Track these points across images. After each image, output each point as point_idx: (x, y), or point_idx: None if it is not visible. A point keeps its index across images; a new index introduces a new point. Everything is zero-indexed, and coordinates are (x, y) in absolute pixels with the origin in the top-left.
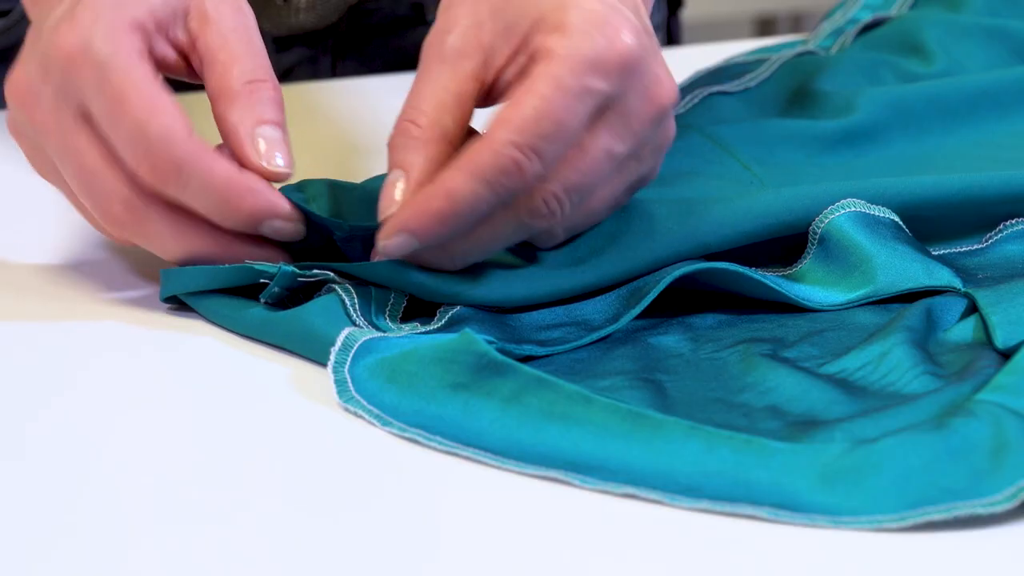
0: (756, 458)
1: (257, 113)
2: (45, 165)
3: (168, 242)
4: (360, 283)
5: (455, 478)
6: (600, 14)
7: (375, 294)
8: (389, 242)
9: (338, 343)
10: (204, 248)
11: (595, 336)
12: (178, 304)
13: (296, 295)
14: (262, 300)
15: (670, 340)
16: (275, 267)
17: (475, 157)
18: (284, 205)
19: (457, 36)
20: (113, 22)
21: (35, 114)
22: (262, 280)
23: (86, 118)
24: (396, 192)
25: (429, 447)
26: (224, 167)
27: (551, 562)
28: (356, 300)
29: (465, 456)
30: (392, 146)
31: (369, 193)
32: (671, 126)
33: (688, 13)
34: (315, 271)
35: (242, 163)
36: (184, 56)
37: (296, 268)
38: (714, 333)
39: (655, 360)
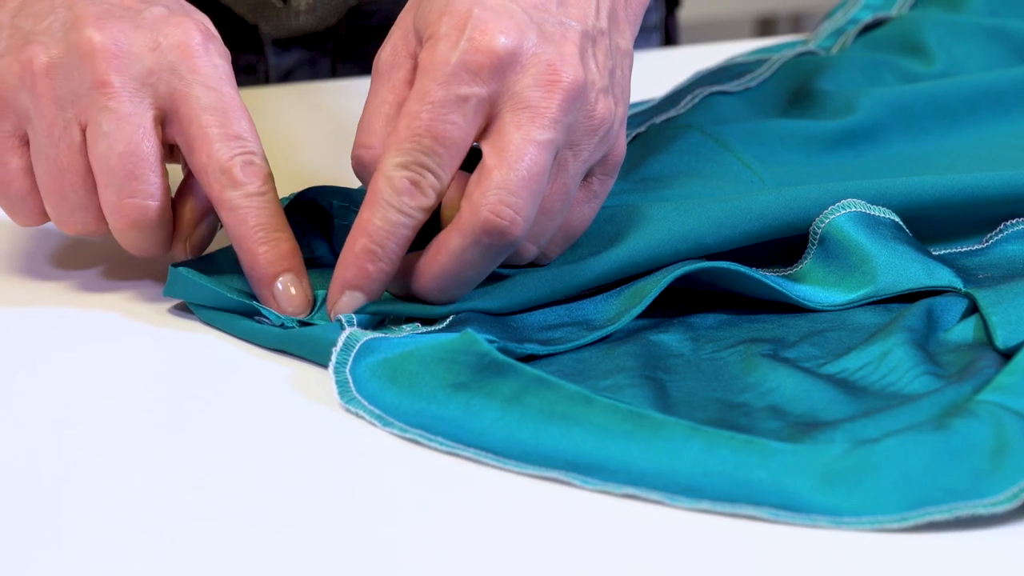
0: (757, 458)
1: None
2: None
3: (138, 239)
4: None
5: (456, 478)
6: (467, 16)
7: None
8: (339, 304)
9: (339, 343)
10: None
11: (596, 335)
12: (180, 302)
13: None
14: (255, 319)
15: (671, 339)
16: (279, 319)
17: (373, 190)
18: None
19: (388, 51)
20: (133, 76)
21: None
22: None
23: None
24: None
25: (430, 447)
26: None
27: (552, 562)
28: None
29: (466, 456)
30: (357, 174)
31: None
32: (599, 109)
33: (688, 13)
34: (317, 323)
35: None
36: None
37: (298, 323)
38: (715, 333)
39: (656, 359)
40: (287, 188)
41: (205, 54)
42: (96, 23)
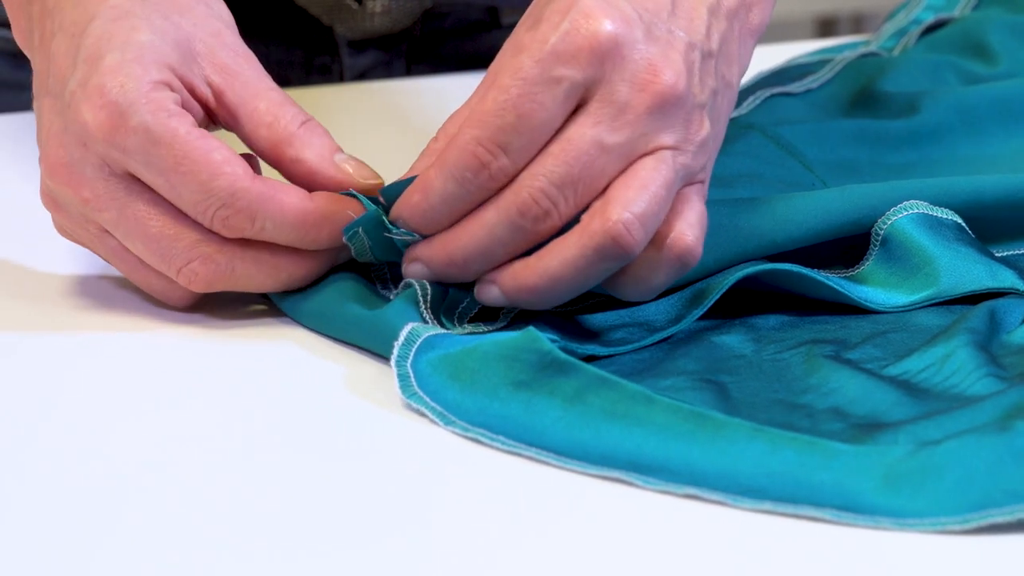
0: (819, 459)
1: (328, 145)
2: (87, 238)
3: (260, 279)
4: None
5: (517, 477)
6: (572, 3)
7: (452, 291)
8: (398, 231)
9: (401, 337)
10: (296, 272)
11: (658, 337)
12: (253, 299)
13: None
14: (345, 237)
15: (733, 341)
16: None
17: (445, 153)
18: (355, 212)
19: (496, 58)
20: (141, 85)
21: (82, 191)
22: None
23: (139, 184)
24: None
25: (491, 447)
26: (294, 202)
27: (614, 562)
28: (431, 294)
29: (527, 456)
30: None
31: None
32: (695, 119)
33: None
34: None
35: (337, 189)
36: (206, 108)
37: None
38: (777, 334)
39: (718, 361)
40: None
41: (126, 123)
42: (45, 143)
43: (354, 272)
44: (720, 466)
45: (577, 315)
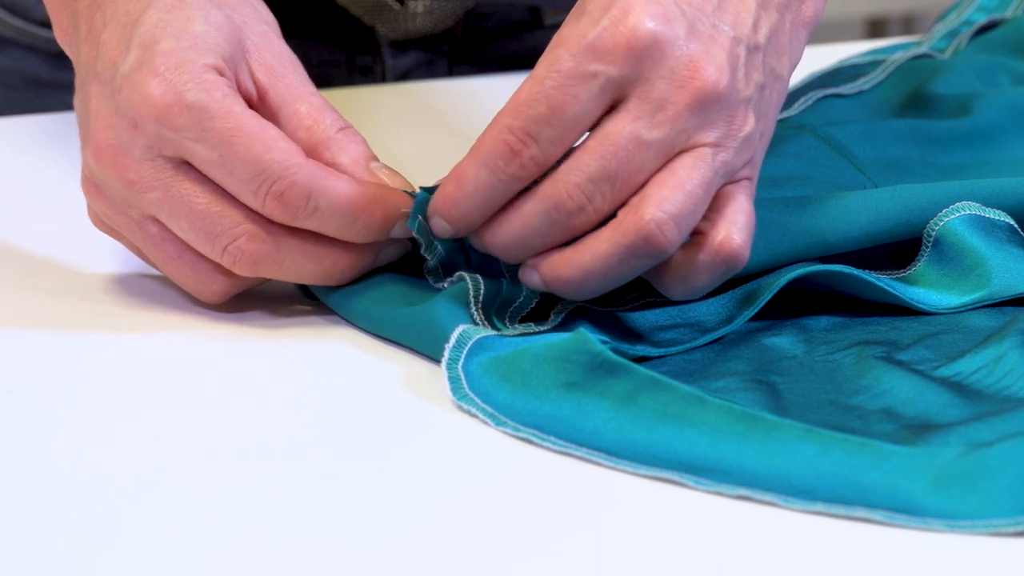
0: (871, 461)
1: (364, 152)
2: (127, 226)
3: (303, 265)
4: (496, 274)
5: (569, 478)
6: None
7: (506, 288)
8: (431, 223)
9: (452, 340)
10: (339, 262)
11: (709, 338)
12: (299, 300)
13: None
14: (413, 230)
15: (784, 341)
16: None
17: (479, 142)
18: (406, 202)
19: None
20: (195, 68)
21: (128, 173)
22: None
23: (186, 166)
24: None
25: (543, 447)
26: (346, 185)
27: (666, 563)
28: (483, 291)
29: (579, 456)
30: None
31: None
32: (739, 115)
33: None
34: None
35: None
36: (249, 104)
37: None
38: (828, 335)
39: (769, 362)
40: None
41: (182, 100)
42: (94, 126)
43: (402, 273)
44: (772, 467)
45: (628, 314)
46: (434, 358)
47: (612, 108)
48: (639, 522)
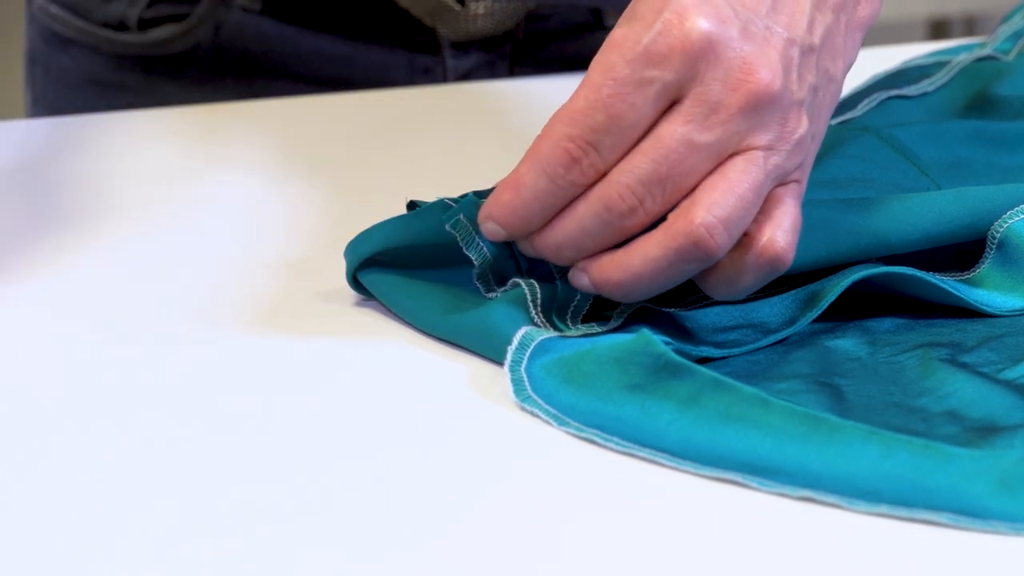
0: (935, 463)
1: None
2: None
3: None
4: (547, 278)
5: (632, 479)
6: (670, 1)
7: (560, 291)
8: (483, 228)
9: (515, 342)
10: None
11: (771, 339)
12: (360, 301)
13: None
14: (447, 226)
15: (847, 343)
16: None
17: (537, 149)
18: None
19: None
20: None
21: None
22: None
23: None
24: None
25: (606, 447)
26: None
27: (730, 564)
28: (539, 295)
29: (642, 457)
30: None
31: None
32: (792, 117)
33: None
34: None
35: None
36: None
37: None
38: (892, 337)
39: (832, 364)
40: (464, 187)
41: None
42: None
43: (453, 282)
44: (836, 469)
45: (690, 314)
46: (496, 360)
47: (667, 108)
48: (702, 523)
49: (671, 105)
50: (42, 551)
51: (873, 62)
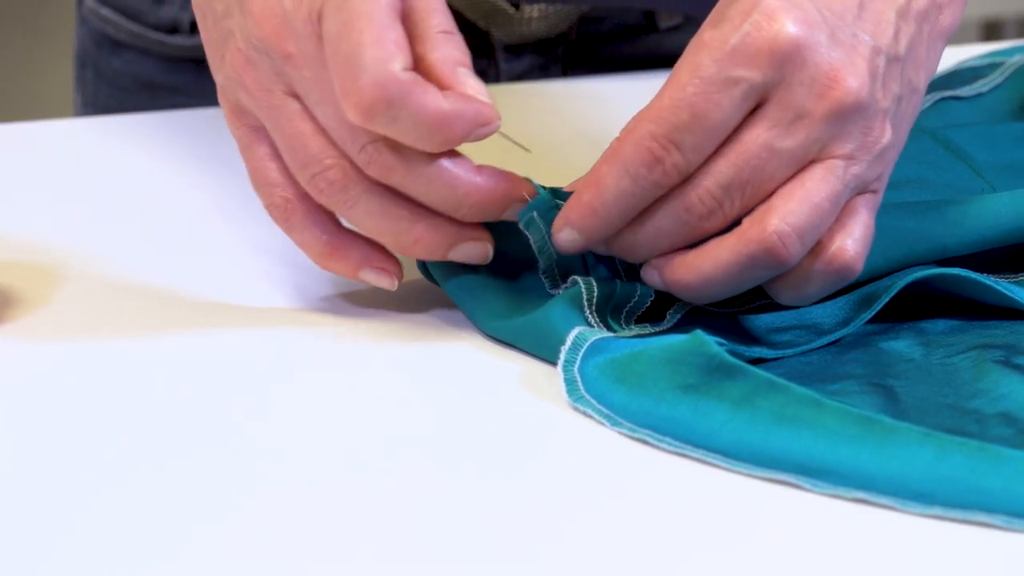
0: (989, 465)
1: (456, 56)
2: (268, 107)
3: (377, 220)
4: (610, 274)
5: (684, 479)
6: (756, 3)
7: (619, 289)
8: (558, 236)
9: (568, 342)
10: (416, 231)
11: (825, 340)
12: (413, 303)
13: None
14: (520, 223)
15: (901, 345)
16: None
17: (620, 148)
18: (490, 114)
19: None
20: None
21: (287, 45)
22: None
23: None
24: None
25: (658, 448)
26: (433, 99)
27: (783, 565)
28: (596, 294)
29: (694, 458)
30: None
31: None
32: (876, 127)
33: None
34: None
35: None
36: None
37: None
38: (946, 338)
39: (886, 365)
40: None
41: None
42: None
43: (519, 272)
44: (889, 470)
45: (744, 316)
46: (549, 360)
47: (752, 111)
48: (755, 524)
49: (755, 107)
50: (41, 552)
51: None
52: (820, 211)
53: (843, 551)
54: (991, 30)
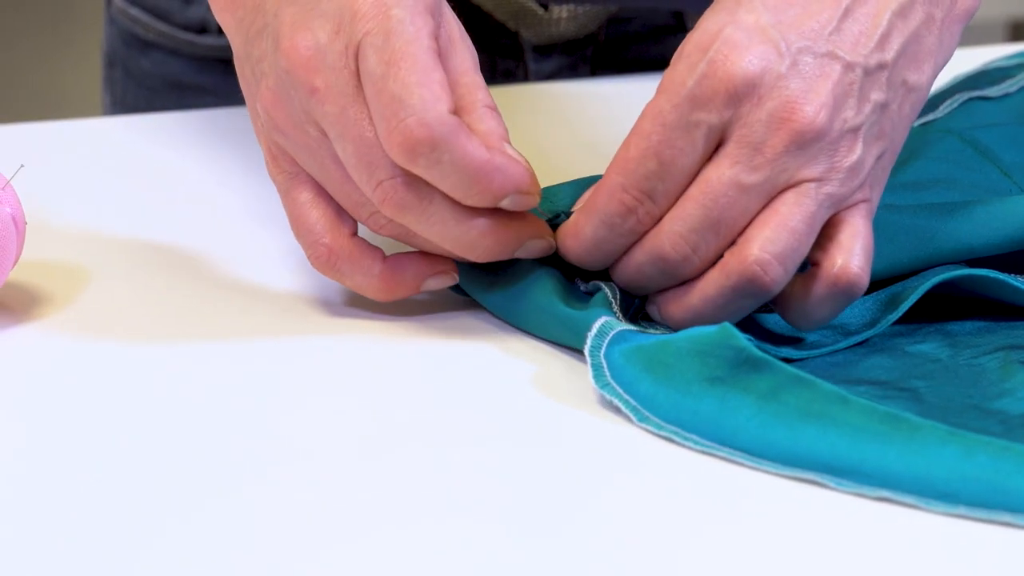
0: (1014, 465)
1: (501, 132)
2: (300, 145)
3: (450, 227)
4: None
5: (708, 475)
6: (716, 36)
7: (638, 299)
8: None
9: (594, 329)
10: (486, 236)
11: (852, 340)
12: (429, 301)
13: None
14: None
15: (927, 348)
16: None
17: (595, 199)
18: (532, 182)
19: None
20: (415, 4)
21: (315, 79)
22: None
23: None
24: None
25: (683, 446)
26: (477, 147)
27: (808, 564)
28: (620, 297)
29: (720, 456)
30: None
31: None
32: (842, 147)
33: None
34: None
35: (498, 167)
36: None
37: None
38: (973, 339)
39: (912, 367)
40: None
41: (386, 11)
42: (288, 32)
43: (550, 267)
44: (914, 469)
45: (771, 315)
46: (571, 348)
47: (715, 150)
48: (780, 523)
49: (718, 146)
50: (39, 553)
51: (954, 63)
52: (797, 234)
53: (867, 550)
54: (1018, 30)
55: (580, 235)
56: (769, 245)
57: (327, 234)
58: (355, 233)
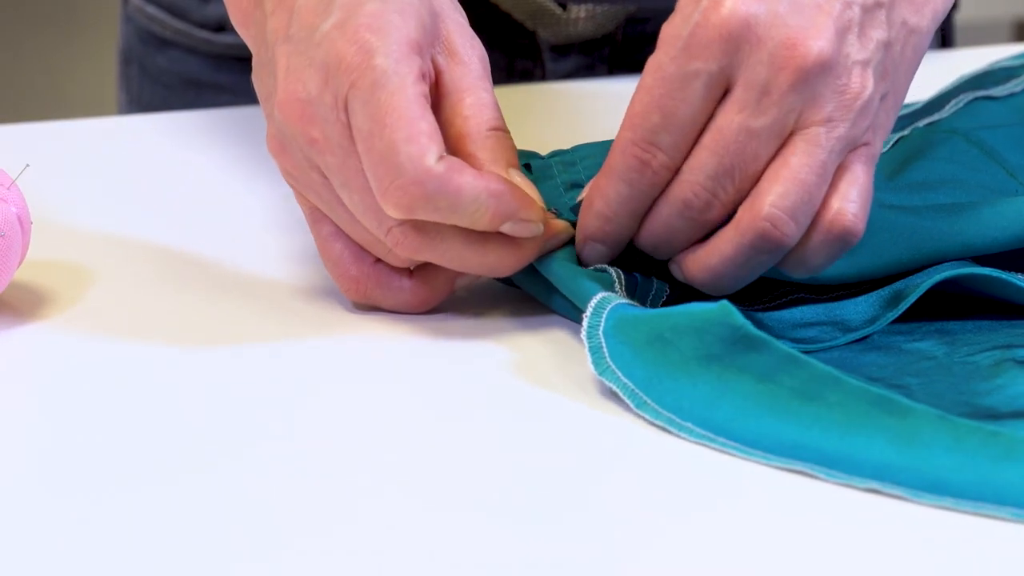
0: (1003, 450)
1: (506, 156)
2: (311, 189)
3: (467, 257)
4: (628, 269)
5: (706, 469)
6: None
7: (640, 282)
8: (583, 253)
9: (589, 308)
10: (504, 257)
11: (850, 337)
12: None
13: None
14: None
15: (924, 346)
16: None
17: (610, 159)
18: (520, 206)
19: None
20: (395, 35)
21: (311, 130)
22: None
23: None
24: None
25: (679, 437)
26: (471, 181)
27: (817, 560)
28: (624, 281)
29: (715, 448)
30: None
31: None
32: (853, 82)
33: None
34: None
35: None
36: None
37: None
38: (972, 337)
39: (906, 364)
40: None
41: (369, 61)
42: (283, 83)
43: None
44: (904, 457)
45: (771, 312)
46: (570, 344)
47: (723, 97)
48: (772, 514)
49: (725, 93)
50: (44, 552)
51: (959, 63)
52: (807, 186)
53: (858, 541)
54: (1023, 30)
55: (605, 196)
56: (780, 200)
57: (352, 266)
58: (379, 259)
